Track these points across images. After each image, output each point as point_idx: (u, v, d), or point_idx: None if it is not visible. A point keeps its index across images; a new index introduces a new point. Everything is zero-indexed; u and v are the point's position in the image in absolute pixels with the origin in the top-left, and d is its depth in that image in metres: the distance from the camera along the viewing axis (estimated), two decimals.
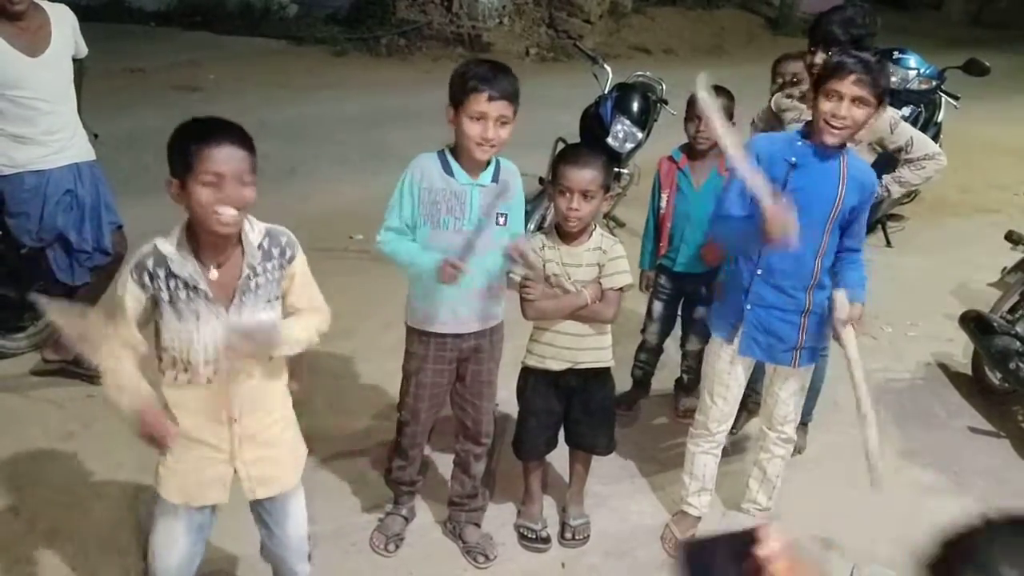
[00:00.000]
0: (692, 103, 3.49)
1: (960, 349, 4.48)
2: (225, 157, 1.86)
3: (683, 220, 3.49)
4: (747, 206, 2.58)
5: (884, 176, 3.20)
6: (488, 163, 2.59)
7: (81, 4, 10.30)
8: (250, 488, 2.15)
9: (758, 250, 2.63)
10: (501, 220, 2.63)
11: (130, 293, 1.97)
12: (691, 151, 3.54)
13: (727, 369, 2.86)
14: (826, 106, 2.51)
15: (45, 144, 3.43)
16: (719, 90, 3.46)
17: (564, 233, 2.77)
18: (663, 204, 3.56)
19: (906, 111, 5.36)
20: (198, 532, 2.20)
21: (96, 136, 3.75)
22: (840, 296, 2.61)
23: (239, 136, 1.91)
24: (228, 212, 1.87)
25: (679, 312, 3.74)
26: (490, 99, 2.43)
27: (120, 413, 1.96)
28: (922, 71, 5.84)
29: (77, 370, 3.71)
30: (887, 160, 3.27)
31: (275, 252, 2.04)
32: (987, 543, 0.97)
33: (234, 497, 2.17)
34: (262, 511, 2.27)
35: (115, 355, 1.95)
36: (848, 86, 2.48)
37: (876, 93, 2.51)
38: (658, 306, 3.71)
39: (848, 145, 2.70)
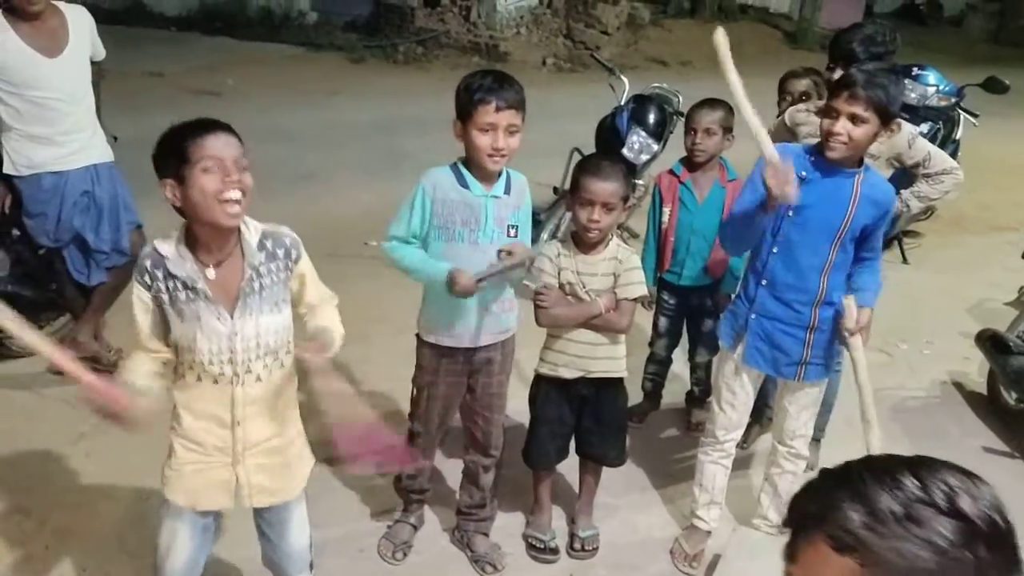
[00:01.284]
0: (691, 115, 3.49)
1: (976, 368, 4.44)
2: (221, 143, 1.88)
3: (688, 233, 3.47)
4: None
5: (903, 191, 3.18)
6: (499, 174, 2.59)
7: (103, 7, 10.46)
8: (248, 495, 2.12)
9: (762, 220, 2.57)
10: (512, 232, 2.62)
11: (136, 296, 1.99)
12: (690, 163, 3.53)
13: (733, 377, 2.85)
14: (824, 122, 2.52)
15: (63, 145, 3.46)
16: (719, 103, 3.47)
17: (580, 242, 2.77)
18: (665, 219, 3.55)
19: (925, 128, 5.34)
20: (203, 535, 2.19)
21: (115, 138, 3.78)
22: (849, 303, 2.58)
23: (226, 126, 1.93)
24: (234, 195, 1.87)
25: (685, 324, 3.73)
26: (498, 109, 2.43)
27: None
28: (941, 88, 5.82)
29: (97, 367, 3.73)
30: (903, 176, 3.26)
31: (279, 253, 2.03)
32: (868, 475, 0.97)
33: (238, 503, 2.16)
34: (262, 521, 2.25)
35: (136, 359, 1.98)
36: (842, 103, 2.47)
37: (875, 110, 2.47)
38: (664, 321, 3.70)
39: (867, 161, 2.68)
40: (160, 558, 2.19)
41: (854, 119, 2.47)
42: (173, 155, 1.88)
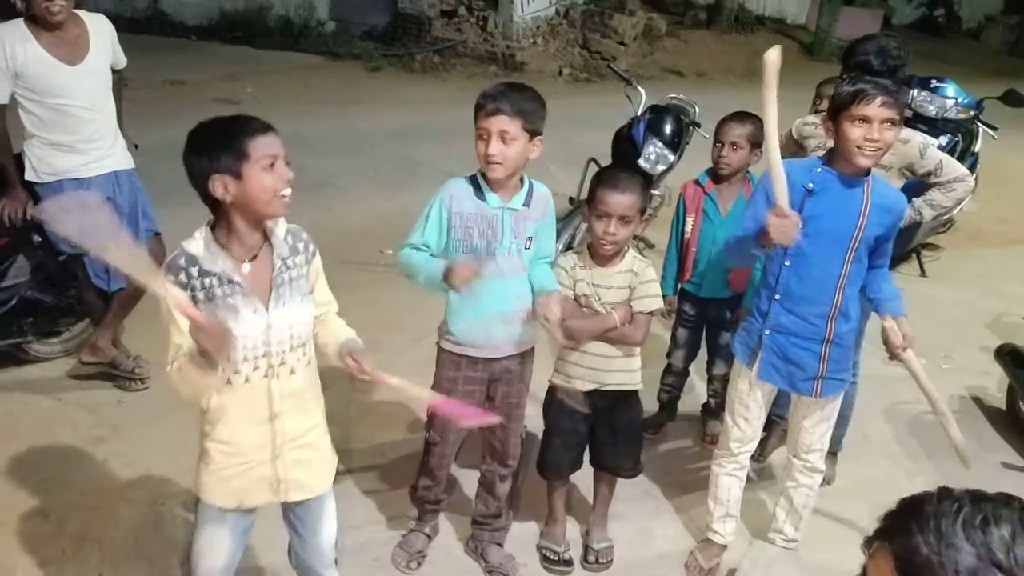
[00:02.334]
0: (719, 127, 3.48)
1: (995, 383, 4.40)
2: (276, 141, 1.97)
3: (709, 245, 3.47)
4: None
5: (915, 199, 3.17)
6: (520, 185, 2.59)
7: (125, 16, 10.58)
8: (285, 490, 2.15)
9: (753, 252, 2.63)
10: (528, 244, 2.62)
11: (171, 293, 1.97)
12: (715, 175, 3.53)
13: (748, 392, 2.84)
14: (856, 132, 2.50)
15: (85, 152, 3.50)
16: (749, 116, 3.46)
17: (596, 254, 2.76)
18: (688, 229, 3.54)
19: (943, 140, 5.31)
20: (242, 535, 2.23)
21: (136, 146, 3.81)
22: (891, 324, 2.70)
23: (268, 124, 2.00)
24: (289, 190, 1.97)
25: (704, 337, 3.72)
26: (488, 114, 2.42)
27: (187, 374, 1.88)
28: (960, 100, 5.78)
29: (116, 372, 3.77)
30: (916, 186, 3.24)
31: (300, 246, 2.10)
32: (944, 511, 0.96)
33: (275, 497, 2.17)
34: (294, 518, 2.28)
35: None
36: (876, 109, 2.48)
37: (900, 112, 2.54)
38: (683, 332, 3.69)
39: (874, 171, 2.68)
40: (195, 560, 2.20)
41: (888, 123, 2.50)
42: (229, 152, 1.91)
